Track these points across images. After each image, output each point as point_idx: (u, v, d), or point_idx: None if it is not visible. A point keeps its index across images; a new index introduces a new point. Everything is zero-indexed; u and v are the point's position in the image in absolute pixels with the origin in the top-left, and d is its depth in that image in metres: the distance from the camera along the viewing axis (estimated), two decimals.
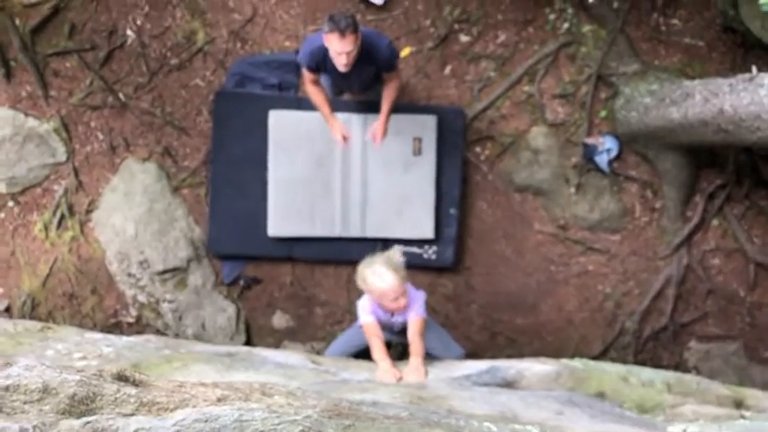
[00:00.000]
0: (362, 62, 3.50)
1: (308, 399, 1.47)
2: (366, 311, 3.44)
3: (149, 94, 4.61)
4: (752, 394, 3.52)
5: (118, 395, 1.34)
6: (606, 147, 4.63)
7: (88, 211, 4.65)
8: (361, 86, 4.04)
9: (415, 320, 3.41)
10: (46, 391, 1.32)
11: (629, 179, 4.73)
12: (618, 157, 4.67)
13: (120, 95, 4.60)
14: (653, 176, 4.71)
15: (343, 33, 3.28)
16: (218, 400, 1.46)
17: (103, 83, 4.56)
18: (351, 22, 3.31)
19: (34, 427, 1.17)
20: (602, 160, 4.64)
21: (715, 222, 4.78)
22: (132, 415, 1.34)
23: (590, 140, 4.66)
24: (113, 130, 4.61)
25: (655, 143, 4.49)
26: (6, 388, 1.31)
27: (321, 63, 3.61)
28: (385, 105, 3.92)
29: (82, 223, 4.65)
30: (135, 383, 1.43)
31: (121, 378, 1.41)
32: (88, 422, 1.22)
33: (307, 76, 3.77)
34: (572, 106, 4.69)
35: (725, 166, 4.68)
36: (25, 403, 1.29)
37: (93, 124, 4.60)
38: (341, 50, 3.34)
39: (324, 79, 3.93)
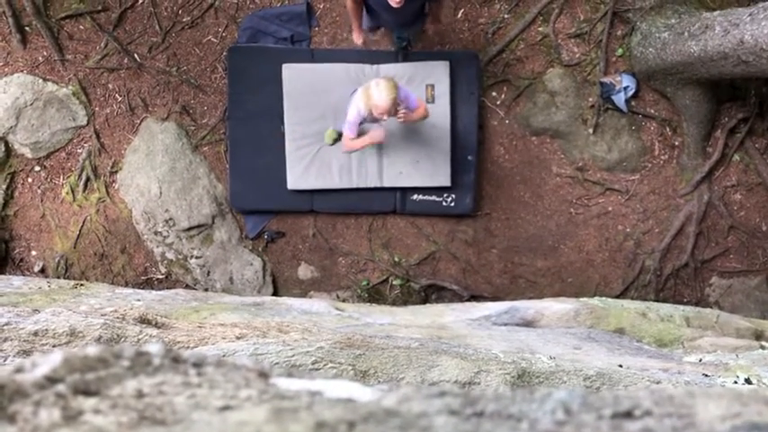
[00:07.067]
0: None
1: (323, 333, 1.54)
2: None
3: (164, 54, 4.64)
4: None
5: (140, 336, 1.42)
6: (623, 85, 4.55)
7: (112, 173, 4.74)
8: (402, 22, 4.01)
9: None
10: (73, 334, 1.42)
11: (647, 117, 4.66)
12: (635, 96, 4.60)
13: (136, 56, 4.64)
14: (672, 113, 4.63)
15: None
16: (237, 337, 1.54)
17: (118, 44, 4.59)
18: None
19: None
20: (619, 99, 4.57)
21: (736, 157, 4.71)
22: None
23: (607, 79, 4.58)
24: (131, 90, 4.66)
25: (673, 79, 4.40)
26: (35, 333, 1.40)
27: None
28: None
29: (107, 185, 4.75)
30: (156, 325, 1.51)
31: (143, 321, 1.49)
32: None
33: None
34: (588, 45, 4.61)
35: (746, 99, 4.58)
36: (54, 346, 1.38)
37: (110, 86, 4.66)
38: None
39: (365, 19, 3.93)
